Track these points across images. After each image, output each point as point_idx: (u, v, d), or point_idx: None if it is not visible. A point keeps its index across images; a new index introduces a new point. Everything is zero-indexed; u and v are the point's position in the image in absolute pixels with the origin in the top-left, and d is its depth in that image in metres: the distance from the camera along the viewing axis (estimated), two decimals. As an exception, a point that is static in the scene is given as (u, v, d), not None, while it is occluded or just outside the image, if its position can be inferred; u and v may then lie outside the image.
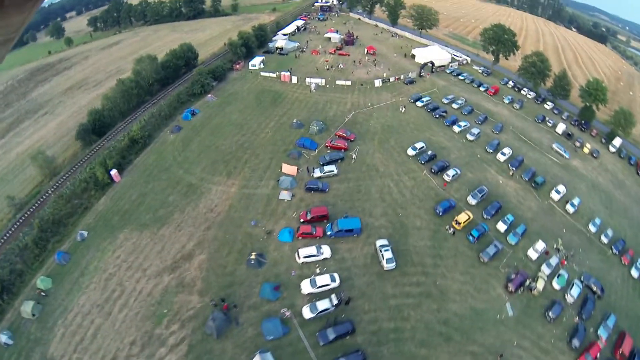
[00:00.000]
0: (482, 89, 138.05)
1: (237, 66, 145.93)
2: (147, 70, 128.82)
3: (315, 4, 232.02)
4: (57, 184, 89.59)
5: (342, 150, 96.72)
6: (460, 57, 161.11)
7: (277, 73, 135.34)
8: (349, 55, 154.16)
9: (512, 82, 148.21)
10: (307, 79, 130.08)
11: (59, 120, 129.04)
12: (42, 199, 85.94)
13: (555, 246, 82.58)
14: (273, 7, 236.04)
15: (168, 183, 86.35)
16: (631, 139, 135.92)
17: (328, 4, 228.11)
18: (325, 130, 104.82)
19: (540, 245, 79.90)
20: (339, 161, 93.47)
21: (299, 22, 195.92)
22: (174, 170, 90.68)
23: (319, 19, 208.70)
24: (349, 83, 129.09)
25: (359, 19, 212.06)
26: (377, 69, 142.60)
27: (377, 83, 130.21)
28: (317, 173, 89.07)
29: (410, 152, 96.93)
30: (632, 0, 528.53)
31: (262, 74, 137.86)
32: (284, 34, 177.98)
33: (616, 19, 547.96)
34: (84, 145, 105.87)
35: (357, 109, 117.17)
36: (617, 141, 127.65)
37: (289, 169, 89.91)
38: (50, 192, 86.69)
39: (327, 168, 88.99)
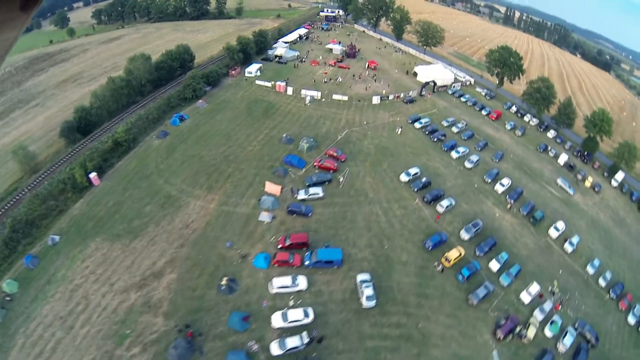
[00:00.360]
0: (484, 112, 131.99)
1: (233, 72, 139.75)
2: (140, 70, 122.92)
3: (321, 14, 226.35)
4: (35, 183, 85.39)
5: (331, 171, 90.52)
6: (464, 77, 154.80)
7: (273, 82, 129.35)
8: (349, 68, 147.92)
9: (516, 107, 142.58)
10: (303, 91, 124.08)
11: (48, 114, 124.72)
12: (17, 197, 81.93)
13: (550, 289, 76.57)
14: (278, 13, 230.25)
15: (147, 192, 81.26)
16: (634, 173, 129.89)
17: (333, 14, 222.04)
18: (315, 147, 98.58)
19: (535, 287, 73.77)
20: (327, 183, 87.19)
21: (302, 31, 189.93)
22: (154, 178, 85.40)
23: (322, 28, 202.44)
24: (345, 98, 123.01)
25: (364, 31, 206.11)
26: (376, 85, 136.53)
27: (375, 100, 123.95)
28: (301, 195, 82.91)
29: (404, 177, 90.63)
30: (637, 29, 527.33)
31: (258, 82, 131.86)
32: (285, 42, 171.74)
33: (620, 47, 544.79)
34: (68, 143, 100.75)
35: (352, 126, 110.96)
36: (619, 175, 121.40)
37: (272, 188, 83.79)
38: (26, 190, 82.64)
39: (312, 190, 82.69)
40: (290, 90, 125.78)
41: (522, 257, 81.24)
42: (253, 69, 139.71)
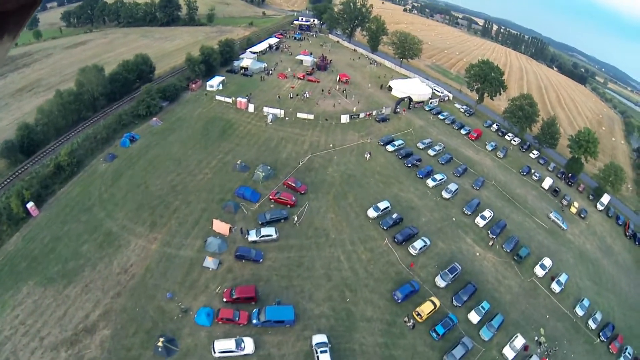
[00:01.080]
0: (463, 132, 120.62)
1: (194, 86, 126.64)
2: (92, 83, 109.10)
3: (295, 22, 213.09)
4: (-32, 212, 73.69)
5: (288, 205, 78.20)
6: (442, 92, 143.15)
7: (234, 98, 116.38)
8: (318, 82, 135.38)
9: (497, 125, 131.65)
10: (265, 109, 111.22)
11: None
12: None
13: (536, 339, 66.48)
14: (250, 21, 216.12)
15: (86, 227, 70.48)
16: (619, 195, 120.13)
17: (308, 24, 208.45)
18: (272, 176, 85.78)
19: (519, 341, 63.26)
20: (282, 221, 74.35)
21: (273, 40, 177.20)
22: (95, 210, 74.42)
23: (295, 38, 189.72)
24: (311, 117, 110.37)
25: (338, 41, 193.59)
26: (347, 101, 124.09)
27: (345, 119, 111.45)
28: (252, 236, 70.00)
29: (372, 213, 78.18)
30: (607, 43, 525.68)
31: (218, 97, 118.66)
32: (253, 52, 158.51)
33: (593, 60, 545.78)
34: (9, 165, 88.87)
35: (316, 150, 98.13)
36: (605, 198, 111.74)
37: (220, 226, 71.02)
38: (-43, 221, 71.22)
39: (264, 231, 70.01)
40: (251, 107, 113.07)
41: (505, 304, 70.01)
42: (215, 82, 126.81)
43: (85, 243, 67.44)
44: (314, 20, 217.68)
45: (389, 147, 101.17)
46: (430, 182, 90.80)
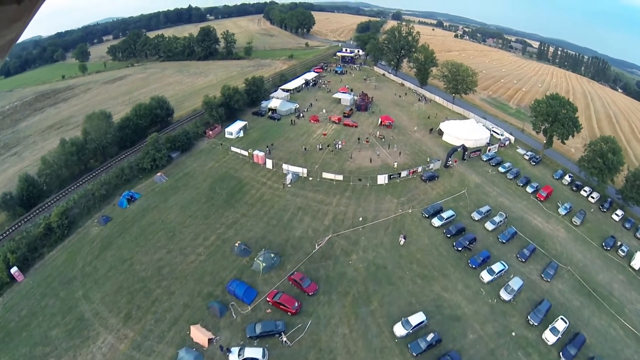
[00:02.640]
0: (529, 189, 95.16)
1: (211, 132, 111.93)
2: (98, 131, 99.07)
3: (337, 54, 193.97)
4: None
5: (289, 313, 57.56)
6: (502, 135, 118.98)
7: (250, 151, 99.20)
8: (356, 126, 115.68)
9: (569, 176, 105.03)
10: (284, 167, 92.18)
11: (19, 168, 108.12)
12: None
13: None
14: (291, 54, 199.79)
15: (61, 306, 60.95)
16: None
17: (351, 55, 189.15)
18: (276, 266, 65.96)
19: None
20: (277, 336, 54.05)
21: (310, 75, 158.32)
22: (75, 286, 64.58)
23: (336, 71, 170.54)
24: (340, 177, 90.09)
25: (384, 74, 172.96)
26: (387, 153, 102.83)
27: (382, 179, 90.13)
28: (234, 355, 50.80)
29: (400, 330, 55.73)
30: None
31: (233, 149, 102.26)
32: (286, 90, 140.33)
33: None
34: (9, 218, 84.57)
35: (340, 227, 76.67)
36: None
37: (199, 335, 53.64)
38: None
39: (249, 352, 50.59)
40: (269, 163, 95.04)
41: None
42: (235, 128, 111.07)
43: (57, 327, 57.82)
44: (358, 51, 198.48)
45: (435, 221, 78.36)
46: (485, 276, 66.90)
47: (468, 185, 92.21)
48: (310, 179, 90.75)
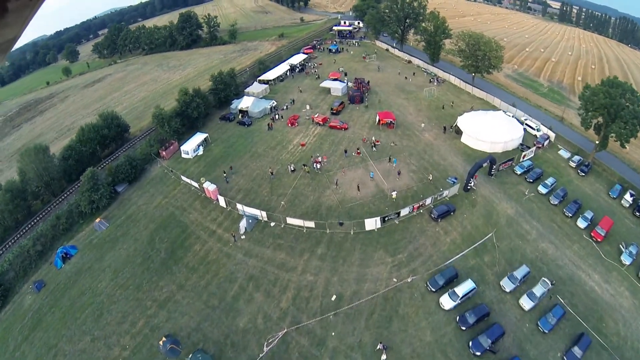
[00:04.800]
0: (581, 224, 61.95)
1: (164, 153, 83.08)
2: (35, 169, 76.44)
3: (334, 28, 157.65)
4: None
5: None
6: (538, 130, 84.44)
7: (202, 180, 70.20)
8: (346, 128, 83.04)
9: (631, 194, 69.94)
10: (239, 207, 62.67)
11: None
12: None
13: None
14: (281, 32, 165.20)
15: None
16: None
17: (350, 28, 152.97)
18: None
19: None
20: None
21: (297, 58, 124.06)
22: None
23: (330, 50, 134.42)
24: (311, 225, 59.00)
25: (387, 49, 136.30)
26: (385, 169, 71.14)
27: (371, 224, 58.41)
28: None
29: None
30: None
31: (184, 178, 73.62)
32: (265, 81, 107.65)
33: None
34: None
35: (302, 313, 48.04)
36: None
37: None
38: None
39: None
40: (222, 200, 65.61)
41: None
42: (192, 144, 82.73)
43: None
44: (358, 24, 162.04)
45: (446, 301, 47.38)
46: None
47: (497, 223, 60.15)
48: (272, 224, 60.85)
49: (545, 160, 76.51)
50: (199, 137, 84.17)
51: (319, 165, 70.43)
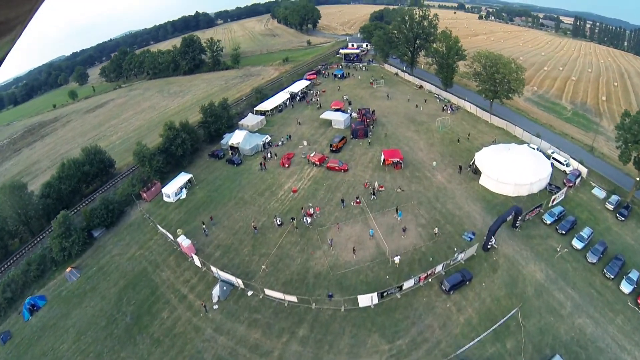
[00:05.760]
0: (625, 287, 48.62)
1: (145, 194, 74.41)
2: (11, 208, 70.04)
3: (341, 51, 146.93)
4: None
5: None
6: (567, 164, 72.44)
7: (179, 232, 61.14)
8: (346, 170, 70.92)
9: None
10: (214, 270, 52.86)
11: None
12: None
13: None
14: (286, 56, 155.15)
15: None
16: None
17: (357, 51, 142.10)
18: None
19: None
20: None
21: (300, 85, 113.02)
22: None
23: (335, 75, 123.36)
24: (294, 299, 47.96)
25: (397, 73, 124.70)
26: (389, 222, 59.22)
27: (366, 300, 46.71)
28: None
29: None
30: None
31: (161, 228, 63.83)
32: (261, 112, 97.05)
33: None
34: None
35: None
36: None
37: None
38: None
39: None
40: (197, 260, 55.58)
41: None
42: (174, 187, 73.34)
43: None
44: (367, 46, 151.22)
45: None
46: None
47: (523, 293, 47.74)
48: (250, 293, 49.66)
49: (578, 204, 63.77)
50: (182, 179, 74.23)
51: (309, 220, 58.61)
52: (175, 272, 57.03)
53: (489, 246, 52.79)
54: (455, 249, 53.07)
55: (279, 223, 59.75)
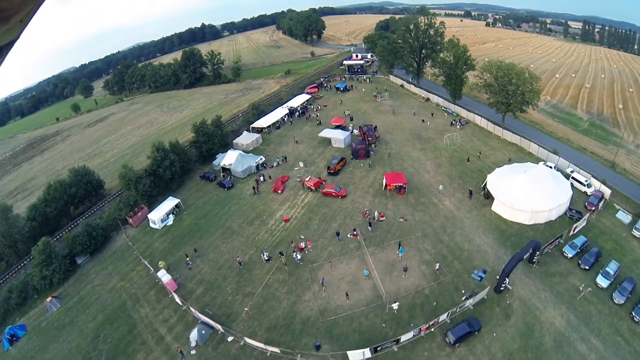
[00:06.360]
0: None
1: (132, 219, 69.20)
2: None
3: (345, 62, 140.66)
4: None
5: None
6: (588, 184, 66.10)
7: (160, 266, 55.89)
8: (343, 196, 64.43)
9: None
10: (193, 312, 47.74)
11: None
12: None
13: None
14: (288, 69, 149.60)
15: None
16: None
17: (361, 62, 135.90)
18: None
19: None
20: None
21: (300, 99, 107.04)
22: None
23: (337, 88, 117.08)
24: (276, 350, 41.47)
25: (402, 85, 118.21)
26: (388, 259, 52.54)
27: (357, 356, 40.00)
28: None
29: None
30: None
31: (143, 260, 59.18)
32: (258, 129, 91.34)
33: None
34: None
35: None
36: None
37: None
38: None
39: None
40: (177, 298, 50.65)
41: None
42: (160, 213, 68.07)
43: None
44: (372, 56, 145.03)
45: None
46: None
47: (540, 345, 40.98)
48: (230, 339, 43.89)
49: (602, 231, 56.67)
50: (169, 204, 68.95)
51: (299, 256, 52.12)
52: (155, 308, 51.72)
53: (502, 288, 45.84)
54: (464, 291, 46.27)
55: (266, 258, 53.66)
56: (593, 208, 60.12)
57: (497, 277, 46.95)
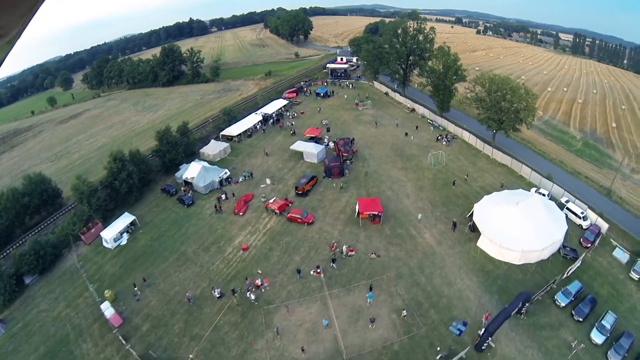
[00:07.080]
0: None
1: (84, 236, 61.69)
2: None
3: (328, 65, 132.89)
4: None
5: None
6: (584, 217, 59.63)
7: (106, 295, 49.37)
8: (310, 223, 56.76)
9: None
10: (134, 355, 37.77)
11: None
12: None
13: None
14: (268, 70, 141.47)
15: None
16: None
17: (345, 66, 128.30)
18: None
19: None
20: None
21: (276, 104, 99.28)
22: None
23: (317, 94, 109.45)
24: None
25: (387, 93, 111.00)
26: (354, 305, 45.32)
27: None
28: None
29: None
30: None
31: (90, 287, 52.51)
32: (228, 137, 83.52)
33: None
34: None
35: None
36: None
37: None
38: None
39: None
40: (120, 337, 43.67)
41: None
42: (113, 231, 60.81)
43: None
44: (357, 60, 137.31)
45: None
46: None
47: None
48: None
49: (598, 272, 50.23)
50: (124, 221, 61.71)
51: (253, 296, 44.65)
52: (98, 345, 44.94)
53: (483, 347, 38.72)
54: (439, 349, 39.15)
55: (218, 295, 46.08)
56: (589, 245, 53.50)
57: (479, 331, 40.06)
